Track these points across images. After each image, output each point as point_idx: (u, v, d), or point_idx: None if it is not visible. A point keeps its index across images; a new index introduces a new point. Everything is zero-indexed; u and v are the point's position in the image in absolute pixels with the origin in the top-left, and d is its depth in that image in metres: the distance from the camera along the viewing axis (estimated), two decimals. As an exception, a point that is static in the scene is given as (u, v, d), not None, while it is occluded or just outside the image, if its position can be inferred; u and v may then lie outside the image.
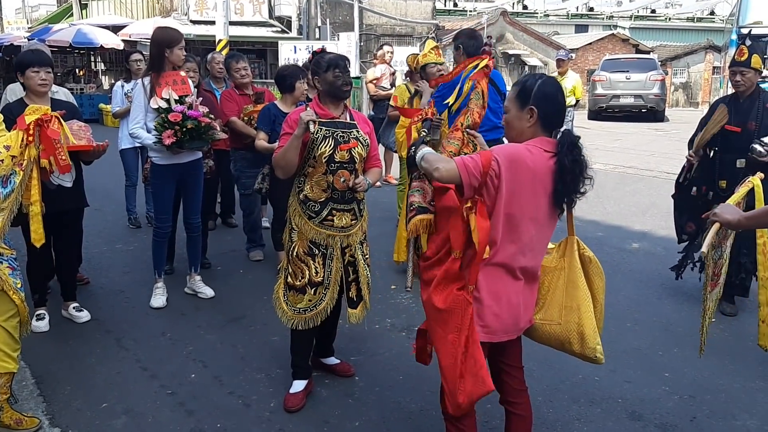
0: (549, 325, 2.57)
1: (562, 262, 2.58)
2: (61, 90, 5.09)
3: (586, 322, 2.49)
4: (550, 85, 2.48)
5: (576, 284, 2.53)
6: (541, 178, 2.37)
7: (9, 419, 3.08)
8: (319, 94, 3.40)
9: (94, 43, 18.93)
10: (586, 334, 2.49)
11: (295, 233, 3.34)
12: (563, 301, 2.54)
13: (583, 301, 2.51)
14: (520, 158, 2.35)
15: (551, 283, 2.60)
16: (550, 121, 2.45)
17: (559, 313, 2.55)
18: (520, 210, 2.38)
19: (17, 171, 3.01)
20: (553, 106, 2.46)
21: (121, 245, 6.26)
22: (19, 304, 3.12)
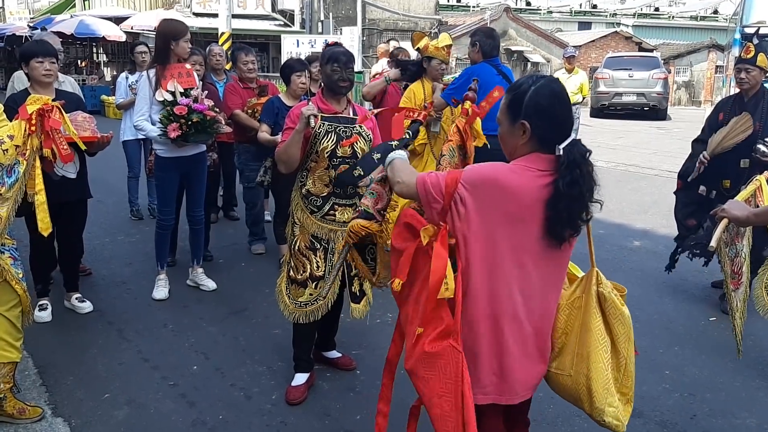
0: (561, 375, 2.16)
1: (580, 300, 2.16)
2: (67, 80, 5.10)
3: (595, 375, 2.07)
4: (546, 95, 2.01)
5: (588, 327, 2.11)
6: (529, 203, 1.97)
7: (12, 408, 3.10)
8: (323, 89, 3.42)
9: (97, 34, 18.90)
10: (595, 390, 2.08)
11: (297, 227, 3.35)
12: (576, 347, 2.13)
13: (594, 348, 2.09)
14: (495, 181, 1.97)
15: (567, 323, 2.17)
16: (547, 137, 2.01)
17: (570, 362, 2.14)
18: (503, 243, 1.98)
19: (21, 161, 3.02)
20: (550, 120, 2.01)
21: (123, 237, 6.27)
22: (21, 294, 3.13)
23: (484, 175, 1.99)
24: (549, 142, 2.01)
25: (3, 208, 2.96)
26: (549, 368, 2.19)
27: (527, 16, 29.91)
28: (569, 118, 2.07)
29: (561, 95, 2.05)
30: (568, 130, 2.05)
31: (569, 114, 2.07)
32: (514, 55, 26.00)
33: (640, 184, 9.57)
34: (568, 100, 2.08)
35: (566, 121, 2.06)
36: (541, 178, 1.99)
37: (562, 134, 2.02)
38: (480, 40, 5.02)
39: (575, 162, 1.97)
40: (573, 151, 1.99)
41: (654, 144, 14.44)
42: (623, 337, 2.13)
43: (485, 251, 2.00)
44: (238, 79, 5.84)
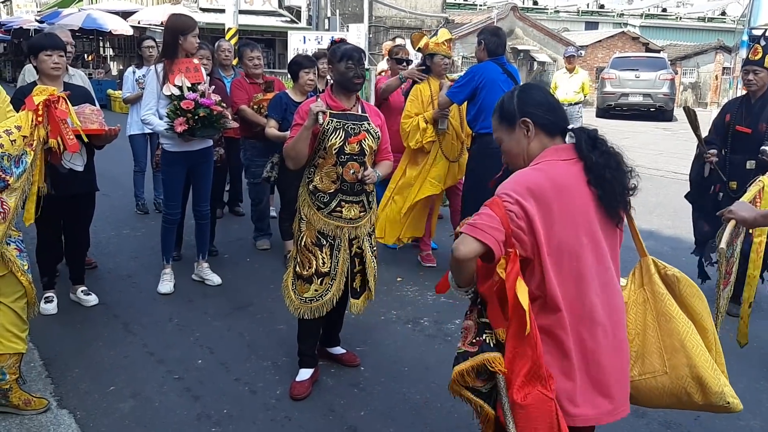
0: (654, 378, 1.97)
1: (643, 292, 2.03)
2: (77, 73, 5.12)
3: (700, 361, 1.92)
4: (530, 89, 2.08)
5: (669, 315, 1.97)
6: (574, 192, 1.88)
7: (18, 399, 3.11)
8: (332, 86, 3.41)
9: (104, 28, 18.96)
10: (705, 376, 1.91)
11: (303, 223, 3.36)
12: (660, 341, 1.97)
13: (686, 334, 1.94)
14: (535, 184, 1.86)
15: (637, 323, 2.02)
16: (550, 123, 2.00)
17: (661, 360, 1.96)
18: (568, 241, 1.85)
19: (28, 151, 3.03)
20: (546, 106, 2.02)
21: (128, 230, 6.29)
22: (27, 286, 3.15)
23: (524, 182, 1.87)
24: (554, 129, 2.01)
25: (11, 198, 2.97)
26: (631, 378, 1.99)
27: (534, 16, 29.86)
28: (559, 104, 2.10)
29: (540, 86, 2.15)
30: (565, 116, 2.08)
31: (555, 100, 2.10)
32: (520, 54, 25.95)
33: (645, 185, 9.39)
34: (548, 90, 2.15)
35: (558, 106, 2.08)
36: (572, 166, 1.92)
37: (562, 119, 2.04)
38: (485, 38, 5.02)
39: (592, 137, 1.95)
40: (580, 134, 1.98)
41: (660, 145, 14.41)
42: (705, 312, 2.02)
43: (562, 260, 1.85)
44: (244, 74, 5.84)
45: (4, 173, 2.93)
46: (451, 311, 4.52)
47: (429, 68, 5.26)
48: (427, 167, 5.18)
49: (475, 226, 1.82)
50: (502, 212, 1.83)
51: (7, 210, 2.96)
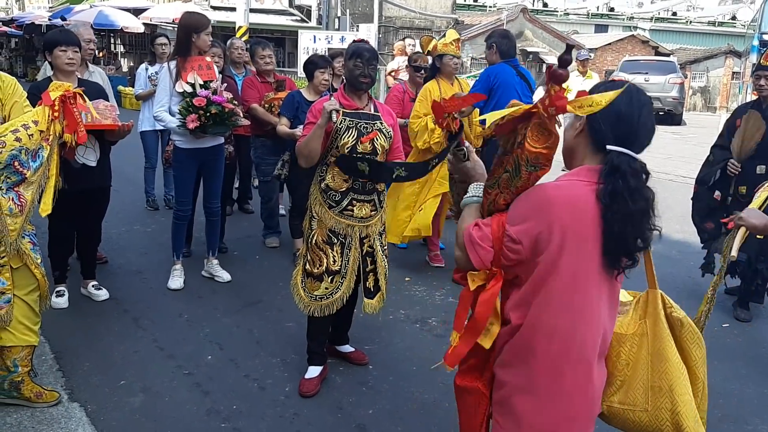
0: (632, 411, 1.95)
1: (644, 325, 1.96)
2: (97, 70, 5.16)
3: (683, 409, 1.88)
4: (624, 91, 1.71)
5: (665, 357, 1.91)
6: (586, 218, 1.73)
7: (29, 392, 3.14)
8: (345, 85, 3.44)
9: (115, 25, 19.04)
10: (684, 425, 1.88)
11: (315, 221, 3.37)
12: (649, 379, 1.92)
13: (676, 379, 1.89)
14: (544, 203, 1.74)
15: (630, 354, 1.95)
16: (601, 136, 1.76)
17: (644, 397, 1.92)
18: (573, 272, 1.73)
19: (45, 146, 3.07)
20: (611, 116, 1.74)
21: (138, 226, 6.32)
22: (40, 279, 3.18)
23: (530, 209, 1.76)
24: (602, 143, 1.76)
25: (28, 191, 3.01)
26: (610, 404, 1.97)
27: (544, 18, 29.82)
28: (637, 125, 1.77)
29: (635, 99, 1.77)
30: (632, 141, 1.76)
31: (637, 122, 1.77)
32: (529, 56, 25.92)
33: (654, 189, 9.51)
34: (645, 111, 1.79)
35: (629, 123, 1.76)
36: (592, 191, 1.74)
37: (621, 138, 1.75)
38: (496, 41, 5.04)
39: (618, 169, 1.71)
40: (621, 158, 1.73)
41: (668, 149, 14.35)
42: (700, 361, 1.97)
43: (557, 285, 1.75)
44: (256, 73, 5.87)
45: (21, 167, 2.96)
46: (459, 312, 4.53)
47: (438, 69, 5.26)
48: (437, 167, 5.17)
49: (471, 240, 1.82)
50: (499, 235, 1.78)
51: (25, 203, 3.00)
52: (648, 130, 1.80)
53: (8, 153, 2.89)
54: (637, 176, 1.74)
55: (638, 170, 1.75)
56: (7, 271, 3.06)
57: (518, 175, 1.81)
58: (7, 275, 3.06)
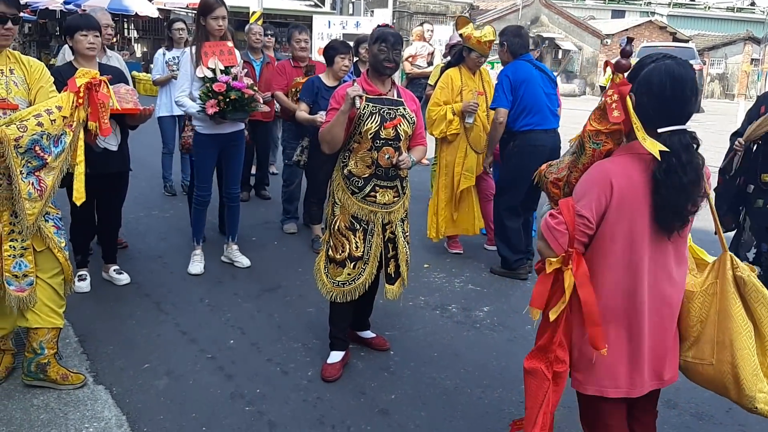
0: (701, 365, 2.13)
1: (715, 285, 2.11)
2: (114, 55, 5.16)
3: (742, 362, 2.02)
4: (661, 72, 2.00)
5: (728, 313, 2.05)
6: (636, 191, 2.01)
7: (55, 374, 3.17)
8: (368, 70, 3.42)
9: (129, 10, 19.02)
10: (742, 377, 2.02)
11: (337, 207, 3.37)
12: (715, 335, 2.08)
13: (737, 334, 2.04)
14: (602, 181, 2.01)
15: (702, 311, 2.12)
16: (651, 117, 2.00)
17: (711, 351, 2.09)
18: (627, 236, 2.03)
19: (67, 131, 3.07)
20: (656, 98, 1.99)
21: (157, 212, 6.35)
22: (64, 262, 3.20)
23: (591, 182, 2.04)
24: (653, 123, 1.99)
25: (49, 176, 3.02)
26: (685, 358, 2.19)
27: (560, 3, 29.49)
28: (682, 103, 2.01)
29: (680, 77, 1.99)
30: (679, 116, 2.01)
31: (683, 99, 2.00)
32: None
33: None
34: (689, 86, 2.01)
35: (676, 103, 2.00)
36: (645, 164, 2.00)
37: (669, 117, 2.00)
38: (507, 39, 4.94)
39: (672, 149, 1.95)
40: (672, 137, 1.98)
41: (686, 136, 14.21)
42: (766, 319, 2.08)
43: (615, 248, 2.05)
44: (292, 57, 5.82)
45: (43, 152, 2.97)
46: (478, 299, 4.53)
47: (464, 58, 5.19)
48: (460, 161, 5.16)
49: (549, 227, 2.07)
50: (571, 218, 2.02)
51: (44, 188, 3.01)
52: (693, 99, 2.01)
53: (29, 138, 2.89)
54: (689, 150, 1.98)
55: (689, 144, 1.99)
56: (30, 254, 3.09)
57: (583, 152, 2.13)
58: (30, 258, 3.09)
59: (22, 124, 2.88)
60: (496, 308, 4.38)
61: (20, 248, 3.05)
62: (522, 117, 4.78)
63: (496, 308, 4.38)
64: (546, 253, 2.10)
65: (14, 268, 3.03)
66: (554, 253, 2.07)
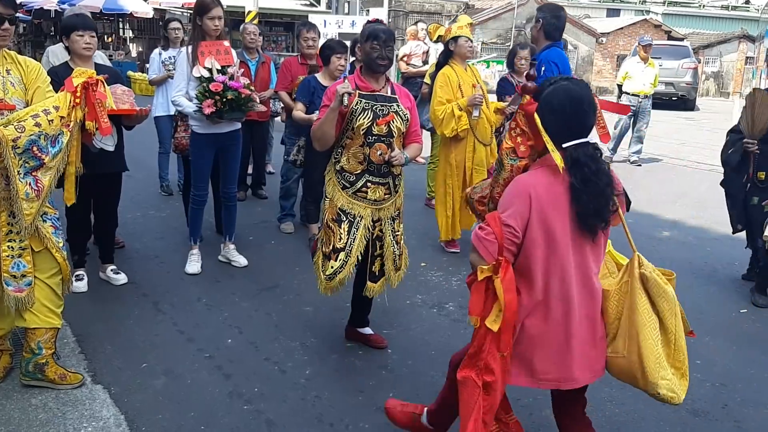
0: (616, 358, 2.27)
1: (627, 284, 2.26)
2: (99, 54, 5.14)
3: (646, 352, 2.17)
4: (560, 93, 2.21)
5: (635, 308, 2.21)
6: (555, 199, 2.17)
7: (53, 374, 3.18)
8: (361, 67, 3.43)
9: (125, 10, 19.00)
10: (647, 366, 2.17)
11: (327, 201, 3.41)
12: (626, 329, 2.23)
13: (642, 327, 2.19)
14: (522, 192, 2.18)
15: (618, 309, 2.28)
16: (556, 134, 2.19)
17: (624, 344, 2.24)
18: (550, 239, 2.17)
19: (65, 131, 3.08)
20: (558, 116, 2.20)
21: (153, 212, 6.35)
22: (62, 262, 3.21)
23: (513, 195, 2.20)
24: (558, 139, 2.19)
25: (46, 176, 3.03)
26: (607, 353, 2.31)
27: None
28: (582, 118, 2.22)
29: (578, 96, 2.21)
30: (581, 130, 2.22)
31: (582, 114, 2.22)
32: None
33: (668, 175, 9.47)
34: (586, 102, 2.21)
35: (576, 119, 2.21)
36: (560, 175, 2.18)
37: (571, 132, 2.20)
38: (544, 17, 4.56)
39: (579, 161, 2.16)
40: (578, 150, 2.18)
41: (683, 134, 14.29)
42: (669, 313, 2.22)
43: (540, 253, 2.18)
44: (300, 55, 5.80)
45: (40, 152, 2.98)
46: (475, 296, 4.54)
47: (450, 54, 5.22)
48: (470, 155, 5.18)
49: (478, 238, 2.18)
50: (499, 228, 2.16)
51: (41, 188, 3.01)
52: (591, 113, 2.24)
53: (27, 138, 2.90)
54: (596, 159, 2.18)
55: (593, 154, 2.19)
56: (28, 254, 3.10)
57: (502, 168, 2.32)
58: (28, 258, 3.09)
59: (20, 125, 2.89)
60: (493, 306, 4.39)
61: (18, 248, 3.05)
62: None
63: (493, 306, 4.39)
64: (478, 263, 2.21)
65: (12, 268, 3.04)
66: (485, 261, 2.18)
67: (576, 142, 2.19)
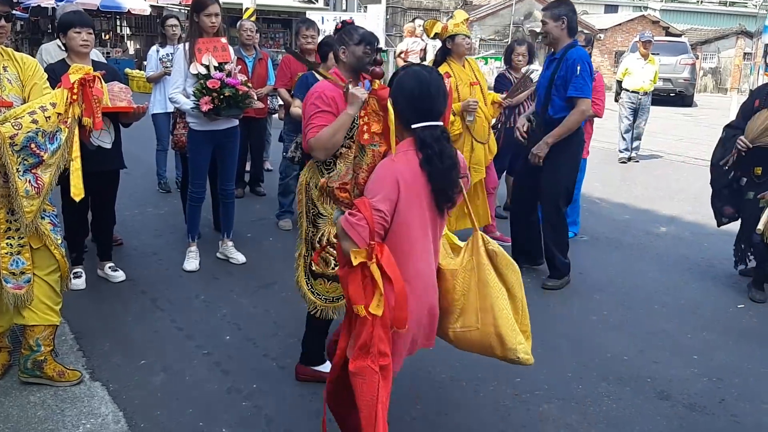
0: (469, 332, 2.43)
1: (472, 261, 2.43)
2: (94, 51, 5.13)
3: (502, 322, 2.37)
4: (408, 77, 2.35)
5: (486, 282, 2.39)
6: (414, 181, 2.28)
7: (52, 371, 3.18)
8: (341, 68, 3.18)
9: (122, 7, 19.00)
10: (504, 334, 2.37)
11: (323, 220, 3.08)
12: (477, 303, 2.40)
13: (496, 299, 2.38)
14: (387, 176, 2.26)
15: (464, 286, 2.43)
16: (407, 117, 2.32)
17: (476, 318, 2.41)
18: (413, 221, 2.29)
19: (63, 128, 3.08)
20: (407, 99, 2.32)
21: (151, 209, 6.35)
22: (60, 259, 3.21)
23: (380, 179, 2.27)
24: (408, 121, 2.32)
25: (46, 173, 3.03)
26: (454, 329, 2.47)
27: None
28: (430, 102, 2.34)
29: (426, 79, 2.34)
30: (429, 113, 2.34)
31: (430, 98, 2.33)
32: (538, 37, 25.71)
33: (666, 171, 9.49)
34: (434, 87, 2.33)
35: (424, 102, 2.33)
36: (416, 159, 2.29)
37: (420, 114, 2.32)
38: (568, 15, 4.44)
39: (425, 142, 2.28)
40: (425, 132, 2.30)
41: (680, 130, 14.30)
42: (516, 283, 2.45)
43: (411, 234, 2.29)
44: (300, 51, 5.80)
45: (39, 149, 2.98)
46: (473, 293, 4.55)
47: (448, 52, 5.19)
48: (467, 155, 5.17)
49: (350, 224, 2.19)
50: (369, 212, 2.20)
51: (42, 185, 3.01)
52: (441, 99, 2.37)
53: (24, 135, 2.90)
54: (440, 141, 2.30)
55: (439, 136, 2.31)
56: (26, 251, 3.10)
57: (364, 154, 2.36)
58: (27, 255, 3.10)
59: (17, 122, 2.89)
60: (491, 302, 4.40)
61: (17, 245, 3.06)
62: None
63: (490, 302, 4.40)
64: (350, 249, 2.22)
65: (11, 265, 3.04)
66: (358, 246, 2.21)
67: (423, 124, 2.31)
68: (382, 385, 2.29)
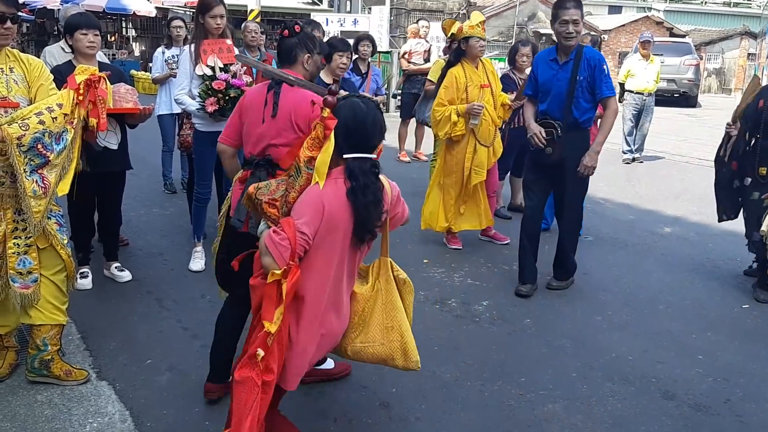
0: (372, 346, 2.65)
1: (378, 284, 2.65)
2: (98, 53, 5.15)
3: (408, 338, 2.64)
4: (346, 108, 2.41)
5: (395, 305, 2.64)
6: (339, 210, 2.37)
7: (59, 370, 3.20)
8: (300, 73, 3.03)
9: (127, 9, 19.05)
10: (409, 349, 2.64)
11: None
12: (383, 321, 2.63)
13: (402, 320, 2.64)
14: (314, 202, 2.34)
15: (367, 307, 2.65)
16: (338, 142, 2.37)
17: (381, 334, 2.63)
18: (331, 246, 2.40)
19: (69, 129, 3.09)
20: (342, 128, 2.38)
21: (157, 209, 6.38)
22: (66, 259, 3.23)
23: (307, 203, 2.35)
24: (341, 150, 2.38)
25: (52, 174, 3.04)
26: (354, 344, 2.66)
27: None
28: (363, 134, 2.42)
29: (361, 112, 2.42)
30: (363, 145, 2.42)
31: (364, 130, 2.42)
32: (542, 38, 25.72)
33: (670, 171, 9.49)
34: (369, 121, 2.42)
35: (357, 134, 2.41)
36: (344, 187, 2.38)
37: (353, 145, 2.40)
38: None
39: (353, 173, 2.37)
40: (354, 163, 2.38)
41: (684, 131, 14.29)
42: (410, 305, 2.75)
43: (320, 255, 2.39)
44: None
45: (45, 149, 2.99)
46: (478, 293, 4.56)
47: (463, 53, 5.20)
48: (469, 156, 5.18)
49: (273, 242, 2.26)
50: (293, 233, 2.27)
51: (48, 185, 3.03)
52: (376, 132, 2.46)
53: (31, 136, 2.91)
54: (367, 175, 2.38)
55: (367, 170, 2.39)
56: (33, 251, 3.11)
57: (300, 175, 2.43)
58: (34, 255, 3.11)
59: (24, 123, 2.91)
60: (496, 302, 4.41)
61: (24, 245, 3.07)
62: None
63: (495, 302, 4.41)
64: (270, 267, 2.29)
65: (19, 265, 3.05)
66: (278, 266, 2.27)
67: (354, 156, 2.39)
68: (261, 398, 2.36)
